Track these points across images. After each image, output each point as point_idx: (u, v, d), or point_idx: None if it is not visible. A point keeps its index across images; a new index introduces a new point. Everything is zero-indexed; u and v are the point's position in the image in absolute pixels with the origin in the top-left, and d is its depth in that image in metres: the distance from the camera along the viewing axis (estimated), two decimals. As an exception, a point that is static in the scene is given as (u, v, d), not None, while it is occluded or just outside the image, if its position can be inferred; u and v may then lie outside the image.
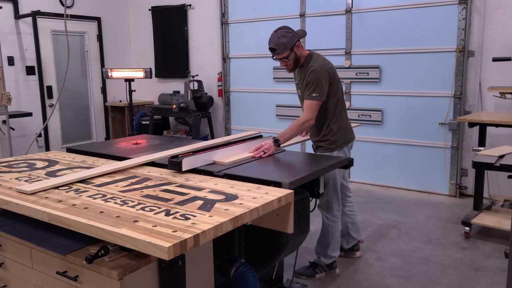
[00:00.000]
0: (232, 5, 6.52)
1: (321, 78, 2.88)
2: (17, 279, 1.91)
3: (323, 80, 2.89)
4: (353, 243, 3.46)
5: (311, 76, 2.89)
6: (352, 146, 3.20)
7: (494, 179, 4.78)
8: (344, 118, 3.12)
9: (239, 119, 6.73)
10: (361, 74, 5.47)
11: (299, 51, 2.96)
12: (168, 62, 7.37)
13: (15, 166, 2.52)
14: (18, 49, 6.27)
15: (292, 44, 2.90)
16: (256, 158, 2.61)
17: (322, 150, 3.10)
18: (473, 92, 4.88)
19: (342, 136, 3.07)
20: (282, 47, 2.88)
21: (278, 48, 2.89)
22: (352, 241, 3.45)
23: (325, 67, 2.94)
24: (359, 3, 5.41)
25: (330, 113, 3.03)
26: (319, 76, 2.88)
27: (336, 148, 3.06)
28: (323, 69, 2.91)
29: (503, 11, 4.61)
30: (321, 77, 2.89)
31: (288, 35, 2.90)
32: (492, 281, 3.09)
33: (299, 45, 2.95)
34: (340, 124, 3.07)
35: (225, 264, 2.13)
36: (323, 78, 2.90)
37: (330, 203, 3.08)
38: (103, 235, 1.51)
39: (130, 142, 3.23)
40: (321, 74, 2.89)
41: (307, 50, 3.05)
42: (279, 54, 2.92)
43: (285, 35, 2.90)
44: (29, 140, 6.10)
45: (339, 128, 3.06)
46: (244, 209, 1.69)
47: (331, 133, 3.04)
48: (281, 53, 2.91)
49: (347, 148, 3.12)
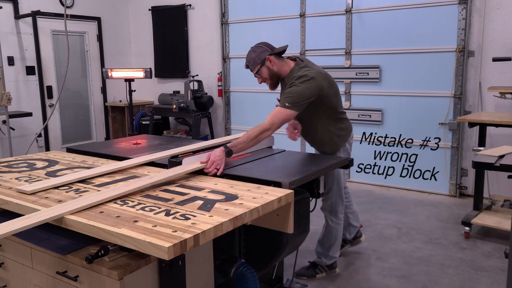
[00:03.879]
0: (232, 5, 6.52)
1: (302, 92, 2.61)
2: (17, 279, 1.91)
3: (306, 94, 2.62)
4: (355, 231, 3.50)
5: (293, 88, 2.64)
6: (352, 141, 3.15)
7: (494, 179, 4.78)
8: (344, 128, 3.02)
9: (239, 119, 6.73)
10: (361, 74, 5.47)
11: (272, 65, 2.77)
12: (168, 62, 7.37)
13: (15, 166, 2.52)
14: (18, 49, 6.27)
15: (261, 59, 2.75)
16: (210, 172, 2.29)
17: None
18: (473, 92, 4.88)
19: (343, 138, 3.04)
20: (252, 62, 2.80)
21: (249, 63, 2.82)
22: (354, 230, 3.48)
23: (313, 79, 2.65)
24: (359, 3, 5.41)
25: (334, 129, 2.92)
26: (303, 90, 2.61)
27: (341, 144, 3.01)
28: (311, 82, 2.64)
29: (503, 11, 4.61)
30: (305, 90, 2.61)
31: (257, 49, 2.78)
32: (492, 281, 3.09)
33: (272, 59, 2.76)
34: (341, 132, 3.00)
35: (225, 264, 2.13)
36: (308, 92, 2.62)
37: (334, 207, 3.07)
38: (103, 235, 1.51)
39: (130, 142, 3.23)
40: (306, 88, 2.62)
41: (291, 63, 2.82)
42: (252, 70, 2.84)
43: (255, 49, 2.80)
44: (29, 140, 6.10)
45: (341, 135, 3.00)
46: (244, 209, 1.69)
47: (334, 140, 2.98)
48: (252, 68, 2.82)
49: (348, 144, 3.09)
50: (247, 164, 2.47)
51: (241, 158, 2.59)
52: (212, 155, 2.32)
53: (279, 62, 2.80)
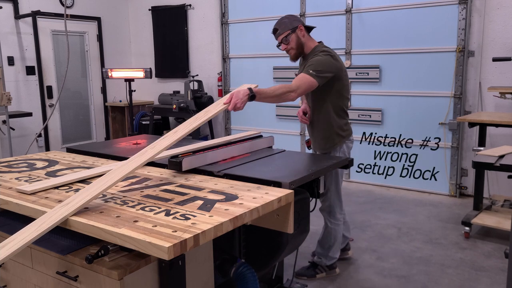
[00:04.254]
0: (232, 5, 6.52)
1: (325, 63, 2.74)
2: (17, 279, 1.91)
3: (327, 65, 2.74)
4: (345, 243, 3.44)
5: (316, 59, 2.76)
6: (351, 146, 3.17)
7: (494, 179, 4.78)
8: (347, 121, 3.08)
9: (239, 119, 6.73)
10: (361, 74, 5.47)
11: (302, 35, 2.88)
12: (168, 62, 7.37)
13: (15, 166, 2.52)
14: (18, 49, 6.27)
15: (293, 26, 2.85)
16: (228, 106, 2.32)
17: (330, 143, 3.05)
18: (473, 92, 4.88)
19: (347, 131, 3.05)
20: (283, 26, 2.87)
21: (279, 27, 2.88)
22: (344, 240, 3.42)
23: (335, 58, 2.82)
24: (359, 3, 5.42)
25: (341, 114, 2.97)
26: (325, 61, 2.75)
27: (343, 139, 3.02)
28: (331, 59, 2.79)
29: (503, 11, 4.61)
30: (327, 62, 2.75)
31: (291, 17, 2.92)
32: (492, 281, 3.09)
33: (302, 29, 2.88)
34: (341, 131, 3.02)
35: (225, 264, 2.13)
36: (327, 65, 2.74)
37: (333, 207, 3.07)
38: (103, 235, 1.51)
39: (130, 142, 3.23)
40: (327, 61, 2.76)
41: (315, 42, 2.97)
42: (280, 35, 2.88)
43: (288, 17, 2.92)
44: (29, 140, 6.10)
45: (339, 134, 3.01)
46: (244, 209, 1.68)
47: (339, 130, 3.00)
48: (282, 32, 2.87)
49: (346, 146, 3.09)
50: (247, 164, 2.47)
51: (241, 158, 2.59)
52: (235, 96, 2.31)
53: (307, 36, 2.94)
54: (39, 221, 1.60)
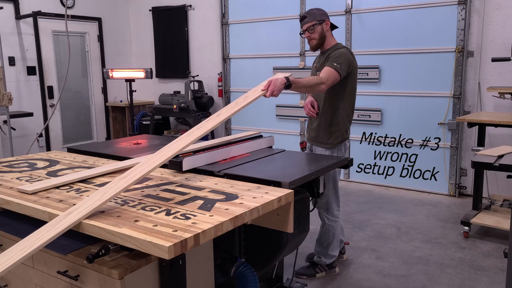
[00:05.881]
0: (232, 5, 6.53)
1: (346, 58, 2.89)
2: (18, 278, 1.92)
3: (347, 60, 2.89)
4: (340, 246, 3.42)
5: (338, 52, 2.92)
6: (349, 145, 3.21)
7: (493, 179, 4.79)
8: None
9: (239, 119, 6.74)
10: (360, 74, 5.47)
11: (327, 29, 3.04)
12: (169, 63, 7.38)
13: (16, 166, 2.53)
14: (19, 49, 6.28)
15: (321, 18, 3.01)
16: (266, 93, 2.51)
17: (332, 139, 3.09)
18: (472, 92, 4.89)
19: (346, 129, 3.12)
20: (313, 16, 3.01)
21: (308, 16, 3.02)
22: (339, 244, 3.43)
23: (353, 56, 3.00)
24: (358, 3, 5.43)
25: (348, 109, 3.06)
26: (346, 56, 2.91)
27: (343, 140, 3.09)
28: (350, 56, 2.96)
29: (502, 11, 4.62)
30: (347, 57, 2.90)
31: (321, 11, 3.06)
32: (491, 280, 3.10)
33: (328, 24, 3.04)
34: (348, 120, 3.12)
35: (225, 264, 2.14)
36: (348, 60, 2.90)
37: (330, 204, 3.08)
38: (104, 234, 1.52)
39: (131, 142, 3.24)
40: (348, 56, 2.92)
41: (335, 40, 3.11)
42: (307, 23, 3.01)
43: (318, 9, 3.06)
44: (30, 140, 6.12)
45: (346, 124, 3.11)
46: (244, 209, 1.69)
47: (341, 125, 3.07)
48: (309, 21, 3.00)
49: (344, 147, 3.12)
50: (247, 164, 2.48)
51: (241, 158, 2.61)
52: (272, 83, 2.48)
53: (330, 32, 3.09)
54: (50, 225, 1.61)
